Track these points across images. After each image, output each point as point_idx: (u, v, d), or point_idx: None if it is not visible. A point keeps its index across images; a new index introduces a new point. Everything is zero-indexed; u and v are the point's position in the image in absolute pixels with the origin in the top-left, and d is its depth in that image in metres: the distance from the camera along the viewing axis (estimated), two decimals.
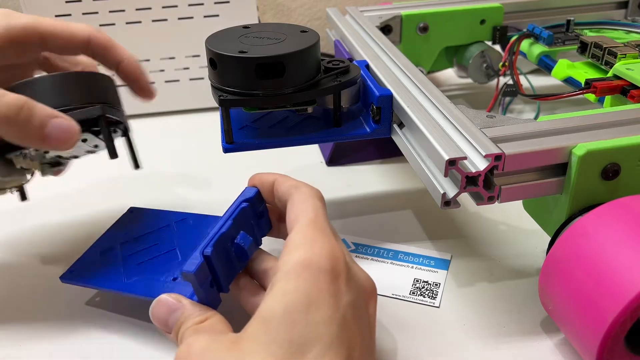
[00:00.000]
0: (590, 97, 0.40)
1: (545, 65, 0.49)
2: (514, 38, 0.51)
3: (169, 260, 0.34)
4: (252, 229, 0.32)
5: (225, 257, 0.29)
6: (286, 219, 0.29)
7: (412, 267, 0.38)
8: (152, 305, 0.29)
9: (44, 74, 0.38)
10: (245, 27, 0.37)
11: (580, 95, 0.40)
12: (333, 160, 0.51)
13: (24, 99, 0.29)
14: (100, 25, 0.57)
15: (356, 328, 0.25)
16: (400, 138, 0.35)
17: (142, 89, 0.38)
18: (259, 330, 0.24)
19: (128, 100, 0.38)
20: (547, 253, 0.30)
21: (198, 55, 0.61)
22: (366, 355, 0.25)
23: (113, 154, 0.34)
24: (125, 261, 0.34)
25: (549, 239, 0.33)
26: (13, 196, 0.37)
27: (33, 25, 0.34)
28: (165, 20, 0.59)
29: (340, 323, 0.24)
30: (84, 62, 0.39)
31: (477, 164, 0.29)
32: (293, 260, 0.25)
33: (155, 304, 0.29)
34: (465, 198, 0.31)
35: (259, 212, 0.32)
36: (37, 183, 0.38)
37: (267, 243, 0.34)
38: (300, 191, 0.29)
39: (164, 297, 0.29)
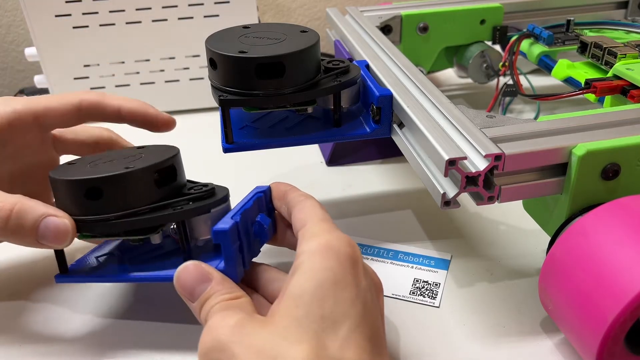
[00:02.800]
0: (590, 97, 0.40)
1: (545, 65, 0.49)
2: (514, 38, 0.51)
3: (177, 253, 0.32)
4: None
5: (247, 234, 0.29)
6: (293, 220, 0.30)
7: (412, 267, 0.38)
8: (178, 271, 0.28)
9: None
10: (245, 27, 0.37)
11: (580, 95, 0.40)
12: (333, 160, 0.51)
13: (15, 200, 0.29)
14: (100, 25, 0.58)
15: (375, 311, 0.26)
16: (400, 138, 0.35)
17: (156, 121, 0.36)
18: (291, 306, 0.24)
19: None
20: (547, 253, 0.30)
21: (198, 55, 0.61)
22: (383, 339, 0.26)
23: (188, 257, 0.31)
24: (129, 256, 0.33)
25: (549, 239, 0.32)
26: None
27: (26, 106, 0.34)
28: (165, 20, 0.58)
29: (363, 304, 0.25)
30: (93, 132, 0.38)
31: (477, 164, 0.29)
32: (316, 243, 0.26)
33: (183, 270, 0.28)
34: (465, 198, 0.31)
35: (269, 209, 0.33)
36: None
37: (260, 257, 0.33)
38: (309, 200, 0.31)
39: (192, 264, 0.28)
